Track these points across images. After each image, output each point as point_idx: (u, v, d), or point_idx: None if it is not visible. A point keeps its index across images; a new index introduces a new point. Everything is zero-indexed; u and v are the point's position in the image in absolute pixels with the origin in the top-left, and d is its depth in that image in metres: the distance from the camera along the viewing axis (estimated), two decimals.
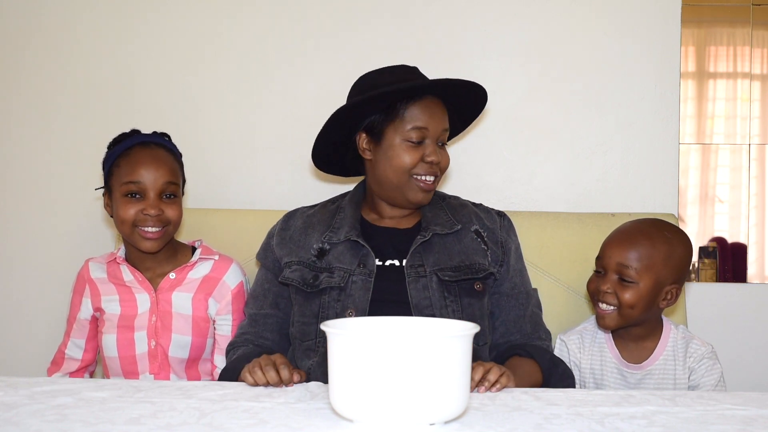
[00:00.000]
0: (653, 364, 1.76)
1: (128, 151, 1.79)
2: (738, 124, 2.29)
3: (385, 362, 1.06)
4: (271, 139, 2.31)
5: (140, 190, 1.77)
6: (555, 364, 1.67)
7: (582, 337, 1.83)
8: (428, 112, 1.71)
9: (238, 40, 2.31)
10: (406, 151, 1.70)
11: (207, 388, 1.37)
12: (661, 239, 1.73)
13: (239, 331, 1.80)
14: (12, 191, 2.35)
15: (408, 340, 1.07)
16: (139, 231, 1.78)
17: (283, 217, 1.85)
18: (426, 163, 1.70)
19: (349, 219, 1.75)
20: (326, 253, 1.72)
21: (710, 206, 2.29)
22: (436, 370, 1.07)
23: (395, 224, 1.78)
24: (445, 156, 1.75)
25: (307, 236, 1.77)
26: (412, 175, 1.71)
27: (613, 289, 1.71)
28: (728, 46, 2.29)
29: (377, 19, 2.28)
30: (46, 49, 2.33)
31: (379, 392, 1.07)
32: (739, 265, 2.29)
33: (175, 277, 1.85)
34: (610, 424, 1.17)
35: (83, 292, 1.89)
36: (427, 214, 1.77)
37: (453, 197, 1.88)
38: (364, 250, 1.69)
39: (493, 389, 1.37)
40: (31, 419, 1.15)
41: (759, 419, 1.20)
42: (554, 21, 2.28)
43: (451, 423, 1.16)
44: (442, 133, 1.74)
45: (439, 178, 1.75)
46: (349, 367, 1.09)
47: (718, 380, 1.75)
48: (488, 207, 1.87)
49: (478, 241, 1.75)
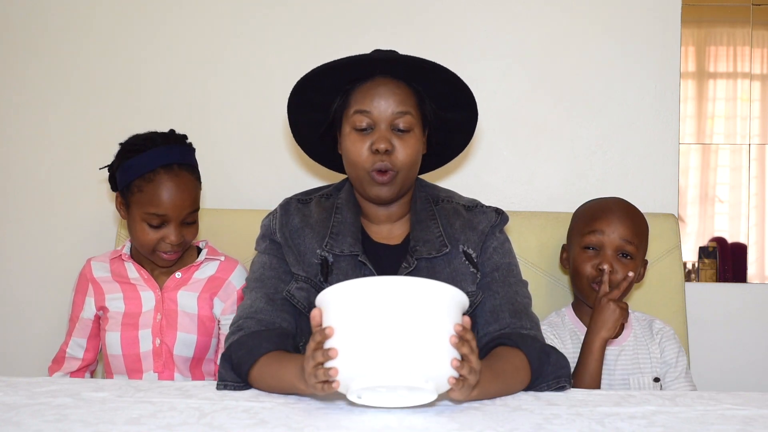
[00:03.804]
0: (626, 340, 1.79)
1: (151, 175, 1.74)
2: (738, 124, 2.29)
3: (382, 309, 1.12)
4: (272, 139, 2.31)
5: (163, 220, 1.76)
6: (546, 353, 1.46)
7: (552, 326, 1.84)
8: (373, 93, 1.53)
9: (240, 40, 2.31)
10: (354, 140, 1.54)
11: (207, 388, 1.37)
12: (640, 215, 1.84)
13: (249, 309, 1.55)
14: (12, 191, 2.35)
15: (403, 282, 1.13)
16: (158, 253, 1.80)
17: (278, 209, 1.68)
18: (372, 152, 1.53)
19: (349, 226, 1.60)
20: (330, 268, 1.57)
21: (710, 206, 2.29)
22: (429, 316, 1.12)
23: (387, 236, 1.64)
24: (404, 146, 1.53)
25: (305, 239, 1.61)
26: (369, 171, 1.54)
27: (614, 266, 1.75)
28: (728, 46, 2.29)
29: (377, 21, 2.28)
30: (47, 49, 2.33)
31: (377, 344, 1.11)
32: (739, 265, 2.29)
33: (181, 276, 1.85)
34: (610, 424, 1.17)
35: (86, 292, 1.89)
36: (416, 227, 1.61)
37: (446, 198, 1.69)
38: (366, 270, 1.56)
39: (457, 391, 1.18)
40: (31, 419, 1.15)
41: (759, 419, 1.20)
42: (554, 21, 2.28)
43: (452, 423, 1.16)
44: (395, 117, 1.53)
45: (400, 173, 1.55)
46: (346, 323, 1.14)
47: (686, 366, 1.81)
48: (486, 207, 1.68)
49: (467, 264, 1.59)
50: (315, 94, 1.61)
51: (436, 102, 1.62)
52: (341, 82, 1.58)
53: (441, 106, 1.62)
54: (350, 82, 1.57)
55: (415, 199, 1.66)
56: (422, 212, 1.63)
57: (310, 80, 1.58)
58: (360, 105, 1.54)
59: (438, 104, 1.62)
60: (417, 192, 1.67)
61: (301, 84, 1.60)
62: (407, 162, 1.55)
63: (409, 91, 1.56)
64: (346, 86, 1.58)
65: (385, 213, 1.64)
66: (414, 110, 1.56)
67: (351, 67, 1.55)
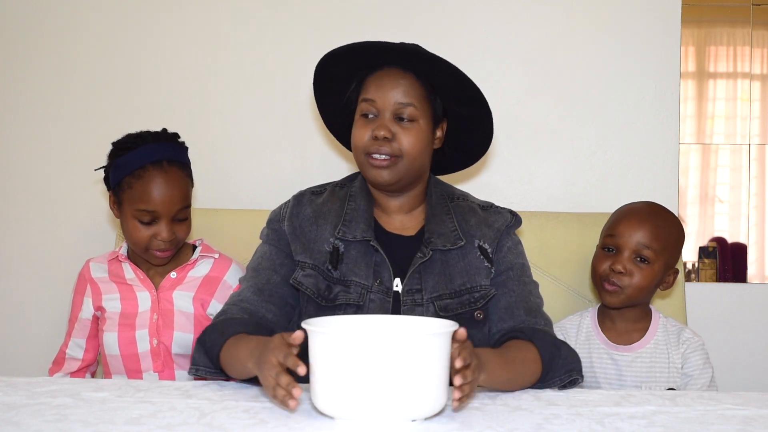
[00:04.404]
0: (643, 347, 1.77)
1: (140, 172, 1.75)
2: (738, 124, 2.29)
3: (365, 360, 1.09)
4: (273, 139, 2.31)
5: (154, 217, 1.76)
6: (557, 347, 1.49)
7: (566, 329, 1.84)
8: (379, 83, 1.57)
9: (240, 40, 2.31)
10: (359, 126, 1.59)
11: (207, 388, 1.37)
12: (673, 221, 1.82)
13: (236, 297, 1.59)
14: (12, 191, 2.35)
15: (387, 338, 1.10)
16: (151, 251, 1.80)
17: (291, 200, 1.70)
18: (372, 138, 1.56)
19: (362, 213, 1.62)
20: (341, 256, 1.58)
21: (710, 206, 2.30)
22: (415, 367, 1.09)
23: (400, 227, 1.65)
24: (407, 134, 1.56)
25: (318, 228, 1.62)
26: (367, 154, 1.57)
27: (629, 269, 1.74)
28: (728, 46, 2.29)
29: (378, 20, 2.28)
30: (47, 49, 2.33)
31: (359, 389, 1.09)
32: (739, 265, 2.29)
33: (176, 276, 1.85)
34: (610, 424, 1.17)
35: (84, 292, 1.89)
36: (431, 219, 1.63)
37: (462, 197, 1.71)
38: (377, 257, 1.57)
39: (458, 396, 1.17)
40: (31, 419, 1.15)
41: (759, 419, 1.20)
42: (554, 21, 2.28)
43: (452, 423, 1.16)
44: (398, 107, 1.56)
45: (402, 160, 1.56)
46: (329, 365, 1.11)
47: (710, 380, 1.76)
48: (501, 208, 1.71)
49: (482, 259, 1.61)
50: (330, 81, 1.66)
51: (447, 97, 1.63)
52: (355, 69, 1.61)
53: (453, 101, 1.63)
54: (365, 68, 1.60)
55: (431, 194, 1.68)
56: (437, 206, 1.65)
57: (326, 66, 1.62)
58: (367, 93, 1.58)
59: (450, 99, 1.63)
60: (432, 188, 1.69)
61: (319, 69, 1.64)
62: (410, 150, 1.56)
63: (416, 83, 1.58)
64: (362, 73, 1.61)
65: (397, 204, 1.66)
66: (419, 102, 1.57)
67: (359, 53, 1.57)
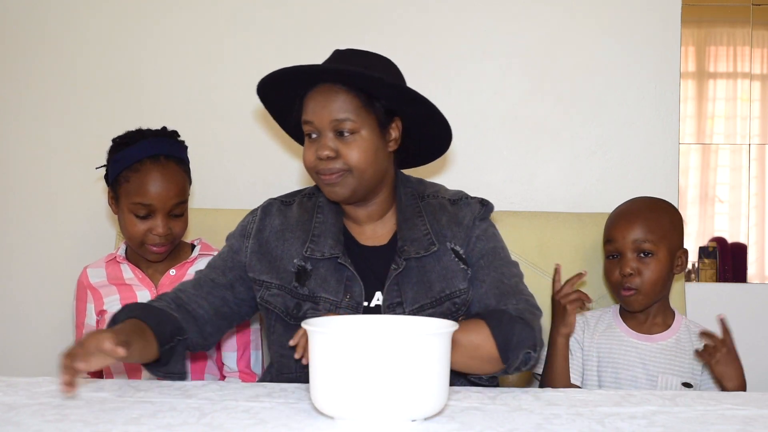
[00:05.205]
0: (666, 340, 1.80)
1: (137, 166, 1.76)
2: (738, 124, 2.29)
3: (366, 360, 1.09)
4: (271, 139, 2.31)
5: (149, 211, 1.77)
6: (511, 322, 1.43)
7: (586, 319, 1.86)
8: (314, 102, 1.52)
9: (239, 40, 2.31)
10: (306, 147, 1.55)
11: (207, 388, 1.37)
12: (661, 208, 1.86)
13: (181, 285, 1.61)
14: (12, 191, 2.35)
15: (388, 338, 1.11)
16: (146, 246, 1.80)
17: (258, 211, 1.66)
18: (318, 158, 1.51)
19: (330, 227, 1.59)
20: (308, 275, 1.55)
21: (710, 206, 2.30)
22: (415, 367, 1.09)
23: (372, 236, 1.62)
24: (350, 148, 1.50)
25: (285, 244, 1.59)
26: (317, 173, 1.54)
27: (636, 268, 1.77)
28: (728, 46, 2.29)
29: (376, 21, 2.28)
30: (48, 49, 2.33)
31: (359, 389, 1.09)
32: (739, 265, 2.29)
33: (175, 273, 1.86)
34: (610, 424, 1.17)
35: (86, 299, 1.89)
36: (403, 225, 1.59)
37: (432, 193, 1.66)
38: (348, 272, 1.54)
39: None
40: (31, 419, 1.15)
41: (759, 419, 1.20)
42: (554, 21, 2.28)
43: (452, 423, 1.16)
44: (335, 123, 1.50)
45: (352, 173, 1.51)
46: (330, 365, 1.11)
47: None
48: (470, 199, 1.66)
49: (457, 261, 1.57)
50: (273, 105, 1.64)
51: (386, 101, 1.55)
52: (292, 90, 1.55)
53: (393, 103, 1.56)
54: (300, 89, 1.55)
55: (400, 196, 1.63)
56: (408, 209, 1.61)
57: (268, 88, 1.58)
58: (306, 114, 1.53)
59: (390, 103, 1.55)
60: (401, 188, 1.64)
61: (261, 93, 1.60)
62: (357, 163, 1.51)
63: (350, 95, 1.51)
64: (301, 92, 1.55)
65: (365, 212, 1.62)
66: (356, 113, 1.51)
67: (290, 76, 1.53)
